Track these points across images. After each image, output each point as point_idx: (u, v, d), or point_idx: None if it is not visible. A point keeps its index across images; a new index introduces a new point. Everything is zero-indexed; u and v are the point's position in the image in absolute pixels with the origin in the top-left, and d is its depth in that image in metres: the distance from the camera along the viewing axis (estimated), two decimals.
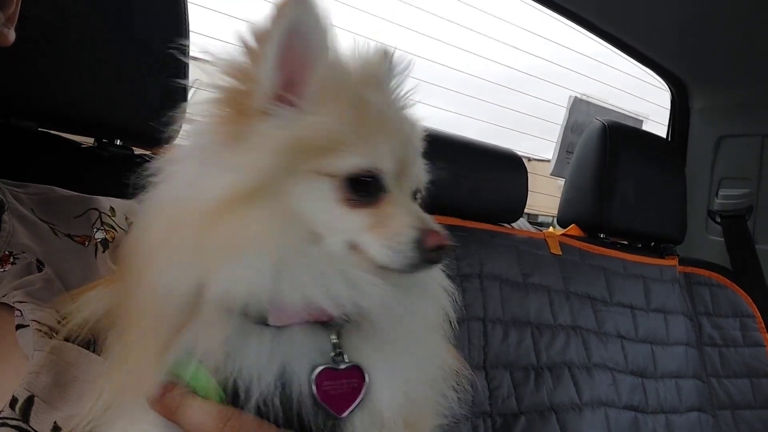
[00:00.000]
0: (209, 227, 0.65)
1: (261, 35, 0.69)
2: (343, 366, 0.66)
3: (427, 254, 0.67)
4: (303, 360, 0.65)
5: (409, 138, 0.76)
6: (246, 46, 0.70)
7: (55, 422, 0.73)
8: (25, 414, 0.72)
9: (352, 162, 0.68)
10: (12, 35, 0.84)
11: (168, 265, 0.65)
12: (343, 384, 0.65)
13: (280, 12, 0.68)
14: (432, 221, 0.69)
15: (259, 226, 0.65)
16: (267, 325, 0.65)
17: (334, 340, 0.67)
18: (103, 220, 0.98)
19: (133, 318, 0.68)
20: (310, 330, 0.66)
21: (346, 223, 0.68)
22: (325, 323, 0.66)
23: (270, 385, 0.63)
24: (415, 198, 0.76)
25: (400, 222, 0.68)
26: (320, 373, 0.65)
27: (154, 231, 0.69)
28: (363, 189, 0.68)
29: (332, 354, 0.66)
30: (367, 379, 0.67)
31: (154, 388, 0.65)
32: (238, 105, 0.69)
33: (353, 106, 0.71)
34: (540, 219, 8.12)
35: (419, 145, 0.79)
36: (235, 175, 0.67)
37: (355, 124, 0.69)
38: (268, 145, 0.68)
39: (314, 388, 0.64)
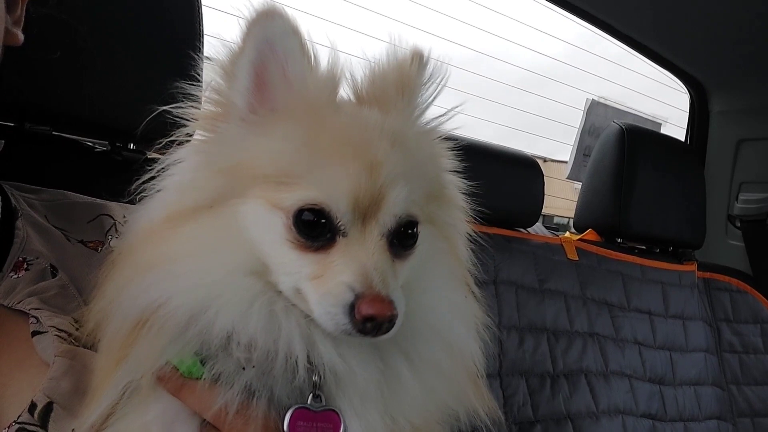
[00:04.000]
0: (149, 245, 0.65)
1: (232, 54, 0.66)
2: (319, 408, 0.62)
3: (358, 324, 0.58)
4: (285, 394, 0.63)
5: (381, 165, 0.63)
6: (218, 65, 0.66)
7: (73, 430, 0.72)
8: (44, 420, 0.72)
9: (297, 196, 0.61)
10: (21, 35, 0.84)
11: (120, 281, 0.66)
12: (317, 427, 0.62)
13: (249, 29, 0.64)
14: (385, 281, 0.59)
15: (191, 243, 0.64)
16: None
17: (315, 380, 0.62)
18: (118, 228, 0.98)
19: (102, 330, 0.70)
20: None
21: (292, 267, 0.62)
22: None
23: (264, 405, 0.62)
24: (395, 237, 0.65)
25: (338, 279, 0.59)
26: (294, 411, 0.62)
27: (121, 247, 0.71)
28: (311, 231, 0.61)
29: (310, 394, 0.63)
30: (342, 426, 0.63)
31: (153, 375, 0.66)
32: (213, 125, 0.68)
33: (310, 128, 0.63)
34: (555, 221, 8.08)
35: (408, 171, 0.65)
36: (177, 195, 0.67)
37: (309, 150, 0.62)
38: (211, 166, 0.66)
39: (286, 426, 0.61)
